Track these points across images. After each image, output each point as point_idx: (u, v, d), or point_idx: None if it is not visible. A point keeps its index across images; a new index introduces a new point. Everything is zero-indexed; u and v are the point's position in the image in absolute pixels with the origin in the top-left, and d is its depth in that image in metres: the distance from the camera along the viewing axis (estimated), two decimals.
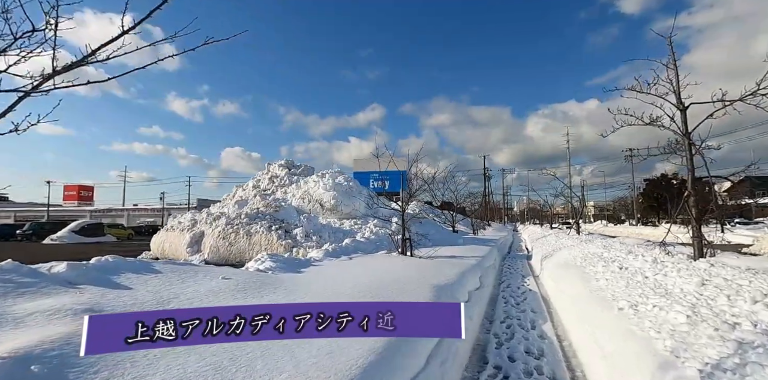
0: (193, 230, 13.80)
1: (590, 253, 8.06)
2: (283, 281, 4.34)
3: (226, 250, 12.52)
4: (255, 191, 16.81)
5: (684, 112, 5.99)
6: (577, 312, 4.68)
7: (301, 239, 12.10)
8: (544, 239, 15.84)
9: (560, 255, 9.11)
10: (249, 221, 13.13)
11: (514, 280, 8.44)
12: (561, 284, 6.27)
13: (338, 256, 7.55)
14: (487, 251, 9.63)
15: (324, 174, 16.65)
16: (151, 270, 3.98)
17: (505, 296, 6.71)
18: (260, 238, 12.31)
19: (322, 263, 6.50)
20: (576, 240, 12.83)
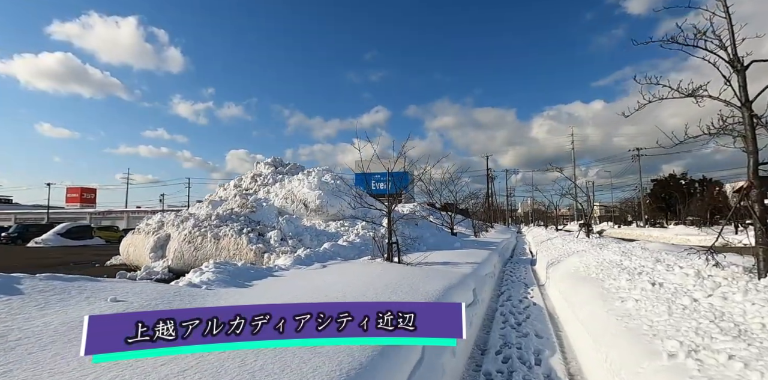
0: (158, 233, 12.36)
1: (607, 261, 6.75)
2: (207, 302, 3.54)
3: (191, 255, 11.13)
4: (236, 190, 15.49)
5: (743, 73, 4.58)
6: (599, 350, 3.25)
7: (275, 243, 10.77)
8: (549, 243, 14.65)
9: (570, 262, 7.81)
10: (219, 223, 11.74)
11: (516, 291, 7.43)
12: (573, 299, 5.19)
13: (310, 263, 6.72)
14: (485, 257, 8.69)
15: (310, 172, 15.26)
16: (10, 291, 2.99)
17: (503, 312, 5.70)
18: (228, 242, 10.93)
19: (285, 274, 5.64)
20: (587, 244, 11.35)
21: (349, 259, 7.79)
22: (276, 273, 5.63)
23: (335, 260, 7.47)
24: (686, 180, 40.93)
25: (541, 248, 13.59)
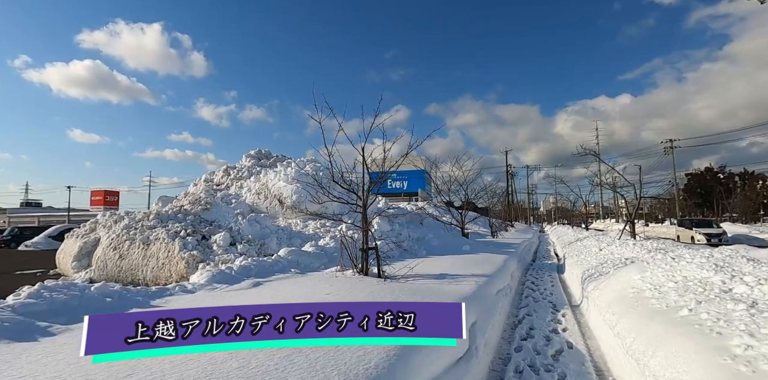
0: (87, 236, 10.18)
1: (695, 281, 4.04)
2: None
3: (114, 265, 8.98)
4: (205, 185, 13.33)
5: None
6: None
7: (219, 249, 8.48)
8: (580, 245, 12.16)
9: (622, 278, 5.03)
10: (157, 223, 9.53)
11: (541, 317, 5.17)
12: (649, 362, 2.73)
13: (240, 280, 4.88)
14: (500, 265, 6.75)
15: (290, 162, 13.01)
16: None
17: (520, 366, 3.44)
18: (159, 248, 8.70)
19: (179, 300, 3.81)
20: (638, 249, 8.05)
21: (313, 270, 6.07)
22: (158, 300, 3.75)
23: (286, 273, 5.61)
24: (724, 174, 38.64)
25: (570, 252, 11.40)
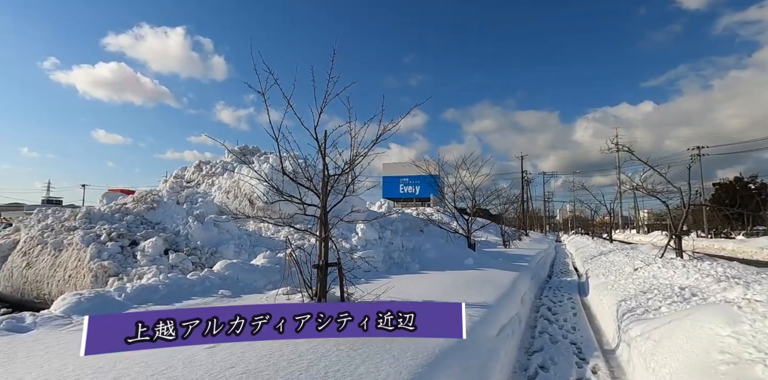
0: (8, 237, 8.67)
1: None
2: None
3: (20, 275, 7.40)
4: (173, 181, 12.10)
5: None
6: None
7: (144, 258, 6.84)
8: (606, 260, 10.03)
9: (697, 334, 2.78)
10: (83, 223, 7.96)
11: (561, 375, 3.44)
12: None
13: (127, 308, 3.63)
14: (506, 287, 5.26)
15: (268, 157, 11.21)
16: None
17: None
18: (69, 255, 7.13)
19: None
20: (691, 273, 5.53)
21: (253, 291, 4.64)
22: None
23: (210, 295, 4.20)
24: (755, 184, 36.87)
25: (594, 269, 9.34)
